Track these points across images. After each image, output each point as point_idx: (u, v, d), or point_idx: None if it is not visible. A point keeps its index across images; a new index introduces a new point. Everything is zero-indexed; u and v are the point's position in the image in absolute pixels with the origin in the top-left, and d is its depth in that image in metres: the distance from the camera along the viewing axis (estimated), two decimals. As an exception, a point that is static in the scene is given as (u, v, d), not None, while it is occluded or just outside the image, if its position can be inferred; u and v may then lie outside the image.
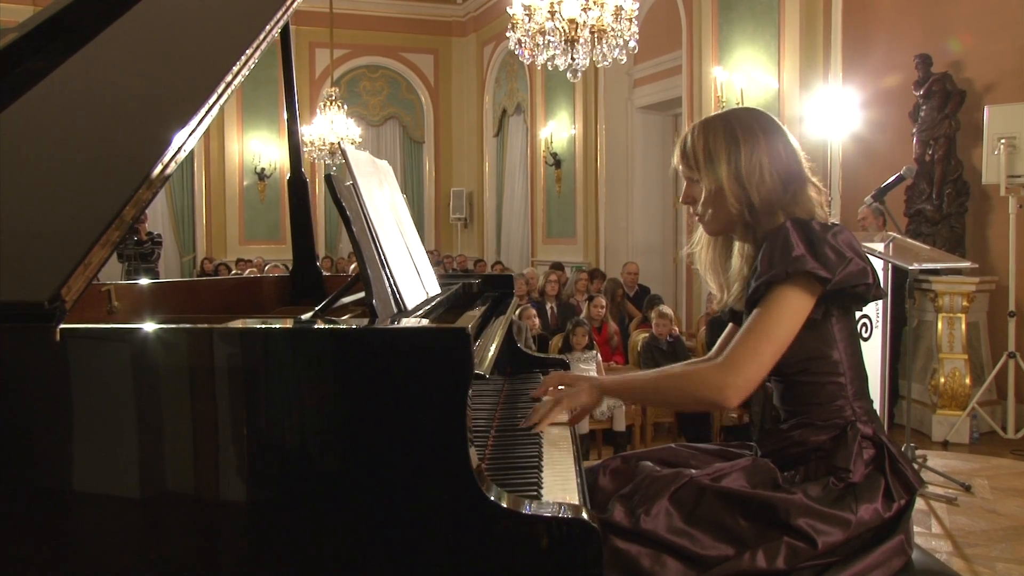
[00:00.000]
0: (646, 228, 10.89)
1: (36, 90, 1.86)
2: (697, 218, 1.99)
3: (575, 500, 1.50)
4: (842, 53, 7.54)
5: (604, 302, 7.13)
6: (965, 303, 6.25)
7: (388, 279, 1.81)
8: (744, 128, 1.89)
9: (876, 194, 4.31)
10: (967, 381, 6.20)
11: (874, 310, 4.37)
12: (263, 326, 1.38)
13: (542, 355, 2.87)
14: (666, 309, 6.52)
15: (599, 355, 6.44)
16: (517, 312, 6.83)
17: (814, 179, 1.92)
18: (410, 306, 1.84)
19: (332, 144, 12.00)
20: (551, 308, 7.83)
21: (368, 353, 1.34)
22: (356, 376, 1.34)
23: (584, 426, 5.86)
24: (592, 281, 8.54)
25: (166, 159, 1.60)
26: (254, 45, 1.98)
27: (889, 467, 1.81)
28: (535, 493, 1.53)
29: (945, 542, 3.82)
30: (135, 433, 1.38)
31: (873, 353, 4.32)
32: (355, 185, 1.86)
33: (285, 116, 2.72)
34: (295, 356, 1.37)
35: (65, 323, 1.35)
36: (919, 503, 4.33)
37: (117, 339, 1.39)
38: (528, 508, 1.33)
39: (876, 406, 4.18)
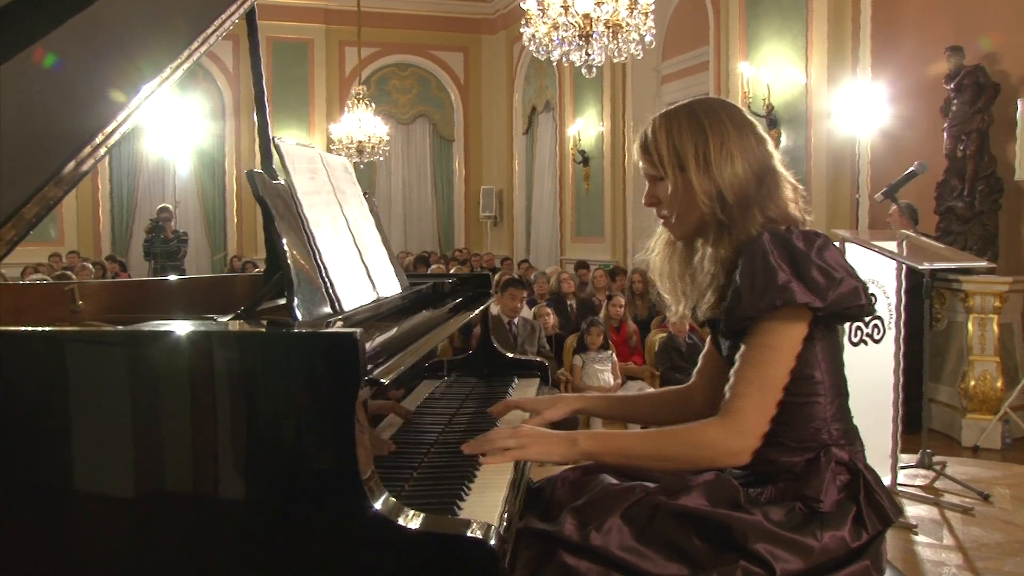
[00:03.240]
0: (674, 227, 10.71)
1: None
2: (662, 221, 1.84)
3: (493, 517, 1.41)
4: (871, 46, 7.35)
5: (623, 301, 7.01)
6: (997, 303, 6.03)
7: (323, 280, 1.74)
8: (710, 117, 1.73)
9: (887, 191, 4.16)
10: (999, 384, 5.98)
11: (887, 312, 4.21)
12: (152, 329, 1.32)
13: (520, 357, 2.78)
14: (681, 309, 6.37)
15: (615, 355, 6.34)
16: (532, 311, 6.74)
17: (789, 177, 1.77)
18: (348, 308, 1.77)
19: (360, 142, 12.02)
20: (571, 307, 7.74)
21: (252, 357, 1.31)
22: (242, 380, 1.31)
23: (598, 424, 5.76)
24: (614, 279, 8.42)
25: (83, 154, 1.55)
26: (200, 38, 1.92)
27: (864, 496, 1.68)
28: (452, 507, 1.45)
29: (955, 554, 3.66)
30: (44, 435, 1.36)
31: (885, 356, 4.16)
32: (290, 182, 1.79)
33: (256, 118, 2.61)
34: (188, 359, 1.33)
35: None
36: (932, 512, 4.16)
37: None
38: (413, 521, 1.27)
39: (889, 412, 4.06)
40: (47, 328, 1.49)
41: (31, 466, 1.37)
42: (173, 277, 3.28)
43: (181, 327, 1.37)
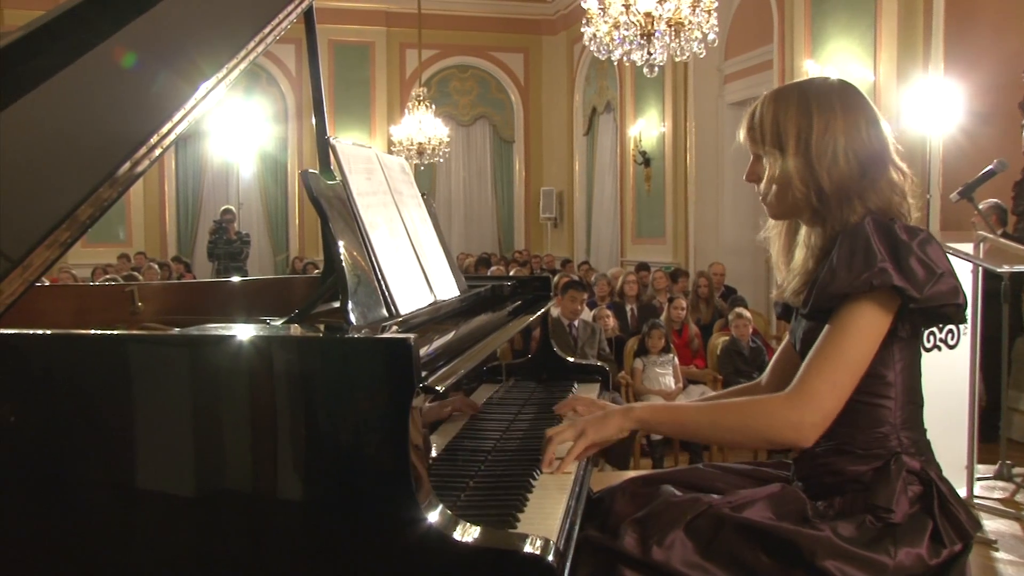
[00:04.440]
0: (736, 228, 10.53)
1: (41, 89, 1.82)
2: (760, 199, 1.78)
3: (552, 531, 1.36)
4: (944, 41, 7.09)
5: (685, 303, 6.89)
6: (1081, 307, 5.77)
7: (379, 283, 1.70)
8: (820, 101, 1.66)
9: (964, 190, 3.99)
10: (1082, 392, 5.72)
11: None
12: (200, 334, 1.30)
13: (580, 361, 2.72)
14: (744, 311, 6.24)
15: (676, 358, 6.23)
16: (592, 314, 6.67)
17: (899, 162, 1.70)
18: (404, 311, 1.73)
19: (420, 144, 12.05)
20: (631, 310, 7.63)
21: (302, 362, 1.28)
22: (292, 386, 1.28)
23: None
24: (676, 281, 8.30)
25: (138, 155, 1.53)
26: (256, 38, 1.90)
27: (938, 508, 1.59)
28: (509, 519, 1.40)
29: (1038, 572, 3.49)
30: (106, 435, 1.36)
31: (960, 363, 4.00)
32: (345, 183, 1.76)
33: (313, 120, 2.58)
34: (237, 363, 1.31)
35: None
36: (1014, 527, 3.98)
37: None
38: (468, 535, 1.23)
39: (964, 421, 3.89)
40: (111, 332, 1.49)
41: (94, 465, 1.36)
42: (236, 279, 3.29)
43: (231, 332, 1.34)
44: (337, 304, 1.91)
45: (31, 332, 1.38)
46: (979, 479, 4.29)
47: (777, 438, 1.64)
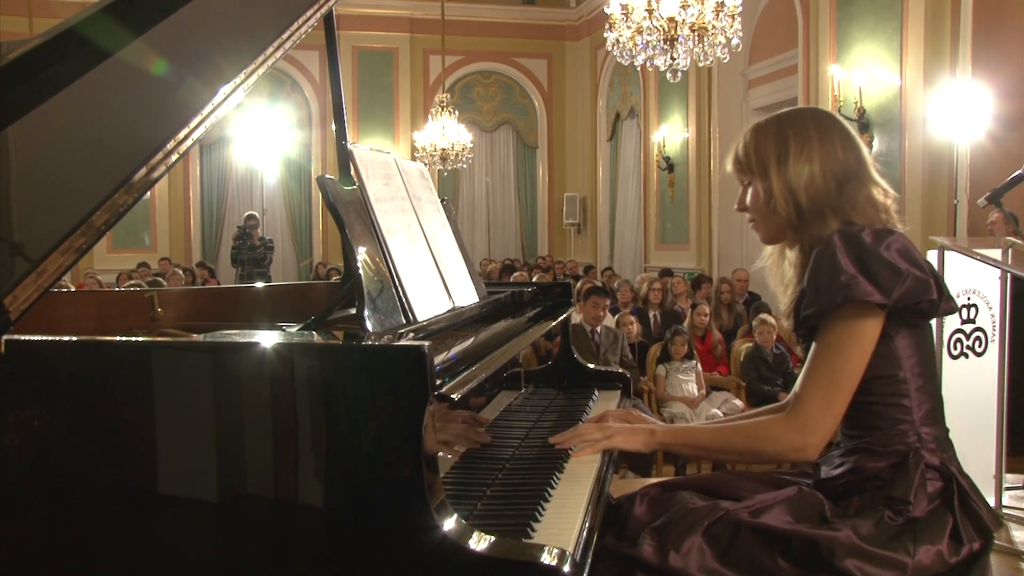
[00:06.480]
0: (761, 234, 10.46)
1: (61, 95, 1.83)
2: (751, 225, 1.88)
3: (569, 541, 1.34)
4: (971, 44, 7.01)
5: (708, 310, 6.84)
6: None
7: (396, 289, 1.69)
8: (796, 128, 1.76)
9: (992, 195, 3.91)
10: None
11: (990, 323, 3.98)
12: (212, 340, 1.29)
13: (601, 368, 2.69)
14: (768, 317, 6.18)
15: (699, 364, 6.18)
16: (615, 320, 6.63)
17: (880, 180, 1.77)
18: (422, 318, 1.72)
19: (443, 150, 12.07)
20: (654, 316, 7.59)
21: (316, 370, 1.27)
22: (307, 394, 1.27)
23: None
24: (700, 287, 8.25)
25: (154, 160, 1.53)
26: (275, 43, 1.90)
27: (959, 504, 1.60)
28: (526, 528, 1.38)
29: (1069, 584, 3.42)
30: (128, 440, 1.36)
31: (988, 370, 3.93)
32: (363, 188, 1.75)
33: (333, 127, 2.58)
34: (249, 371, 1.30)
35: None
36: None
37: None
38: (483, 544, 1.21)
39: (992, 430, 3.82)
40: (134, 339, 1.50)
41: (115, 470, 1.36)
42: (260, 284, 3.30)
43: (243, 339, 1.34)
44: (355, 310, 1.90)
45: (55, 339, 1.38)
46: (1007, 488, 4.22)
47: (785, 459, 1.79)
